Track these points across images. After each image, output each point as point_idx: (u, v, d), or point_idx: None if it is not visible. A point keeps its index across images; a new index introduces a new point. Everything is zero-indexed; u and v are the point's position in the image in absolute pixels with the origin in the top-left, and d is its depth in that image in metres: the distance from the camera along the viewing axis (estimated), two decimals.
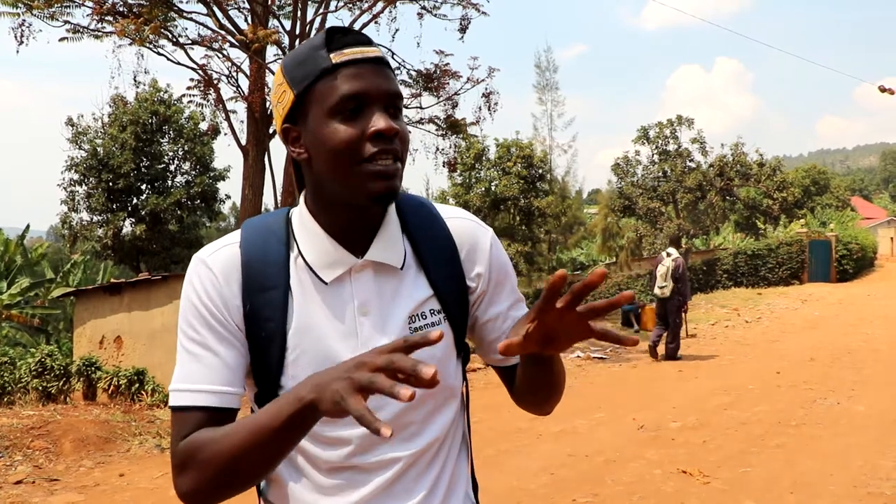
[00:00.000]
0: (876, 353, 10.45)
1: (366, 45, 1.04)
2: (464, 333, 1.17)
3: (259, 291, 1.07)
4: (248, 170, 12.35)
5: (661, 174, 27.86)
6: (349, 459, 1.08)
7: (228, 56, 12.83)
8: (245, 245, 1.09)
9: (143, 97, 18.98)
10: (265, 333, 1.06)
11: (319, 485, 1.09)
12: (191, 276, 1.09)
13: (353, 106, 1.01)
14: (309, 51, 1.04)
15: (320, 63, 1.02)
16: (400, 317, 1.09)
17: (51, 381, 7.74)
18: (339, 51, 1.02)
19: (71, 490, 5.02)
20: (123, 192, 18.82)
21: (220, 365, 1.06)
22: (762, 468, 5.19)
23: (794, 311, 16.45)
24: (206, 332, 1.06)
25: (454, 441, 1.18)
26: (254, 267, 1.08)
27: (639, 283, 22.24)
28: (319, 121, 1.03)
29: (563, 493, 4.73)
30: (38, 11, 11.53)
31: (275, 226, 1.12)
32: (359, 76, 1.02)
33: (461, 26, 13.07)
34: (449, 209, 1.20)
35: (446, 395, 1.15)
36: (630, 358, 10.75)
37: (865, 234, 30.96)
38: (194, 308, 1.07)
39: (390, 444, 1.09)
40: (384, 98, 1.03)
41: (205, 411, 1.04)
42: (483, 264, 1.17)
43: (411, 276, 1.12)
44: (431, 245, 1.14)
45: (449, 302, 1.13)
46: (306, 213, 1.11)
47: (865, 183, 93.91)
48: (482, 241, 1.18)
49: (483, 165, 21.53)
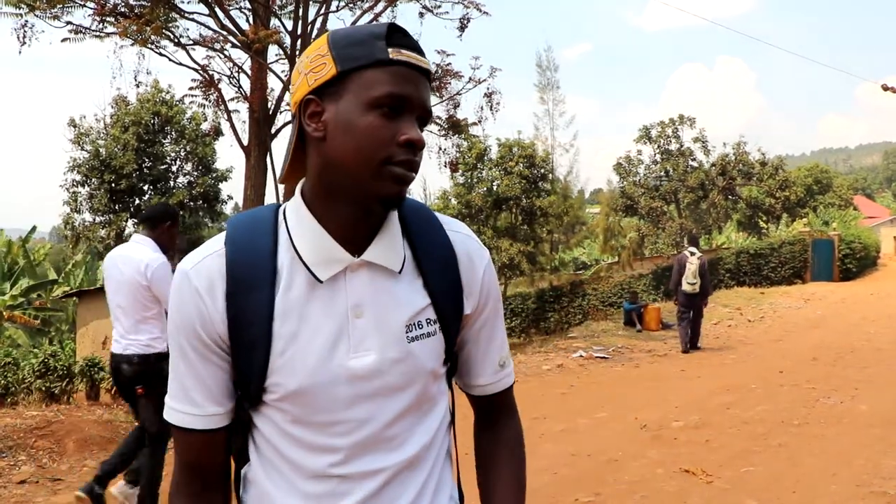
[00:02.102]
0: (879, 352, 10.43)
1: (421, 54, 1.03)
2: (453, 345, 1.15)
3: (244, 293, 1.02)
4: (250, 170, 12.36)
5: (663, 173, 27.86)
6: (334, 468, 1.05)
7: (230, 56, 12.86)
8: (230, 245, 1.05)
9: (145, 98, 19.03)
10: (248, 336, 1.02)
11: (301, 492, 1.06)
12: (174, 289, 1.05)
13: (394, 105, 1.00)
14: (367, 35, 1.01)
15: (377, 52, 1.00)
16: (397, 322, 1.06)
17: (54, 382, 7.77)
18: (399, 49, 1.01)
19: (74, 490, 5.03)
20: (126, 193, 18.87)
21: (203, 385, 1.05)
22: (765, 467, 5.19)
23: (797, 311, 16.43)
24: (186, 352, 1.05)
25: (441, 449, 1.16)
26: (238, 268, 1.03)
27: (641, 283, 22.23)
28: (355, 107, 1.00)
29: (566, 492, 4.72)
30: (40, 12, 11.55)
31: (263, 219, 1.08)
32: (409, 80, 1.01)
33: (460, 25, 13.08)
34: (450, 221, 1.18)
35: (432, 403, 1.13)
36: (633, 357, 10.75)
37: (868, 234, 30.90)
38: (176, 328, 1.05)
39: (376, 455, 1.06)
40: (421, 110, 1.03)
41: (189, 432, 1.06)
42: (477, 285, 1.16)
43: (409, 282, 1.09)
44: (432, 253, 1.12)
45: (445, 313, 1.11)
46: (302, 206, 1.07)
47: (868, 182, 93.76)
48: (480, 261, 1.17)
49: (485, 165, 21.55)
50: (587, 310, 21.17)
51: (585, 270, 28.27)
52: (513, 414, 1.27)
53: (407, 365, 1.07)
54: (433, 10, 13.26)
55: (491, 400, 1.24)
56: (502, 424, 1.25)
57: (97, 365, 8.34)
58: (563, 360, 10.41)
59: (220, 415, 1.07)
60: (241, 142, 12.64)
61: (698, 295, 10.80)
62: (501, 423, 1.26)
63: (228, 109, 13.34)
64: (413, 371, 1.07)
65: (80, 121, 19.12)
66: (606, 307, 20.86)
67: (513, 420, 1.27)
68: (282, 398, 1.03)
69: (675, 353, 11.01)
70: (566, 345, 11.94)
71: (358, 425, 1.05)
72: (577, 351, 11.08)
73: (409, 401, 1.08)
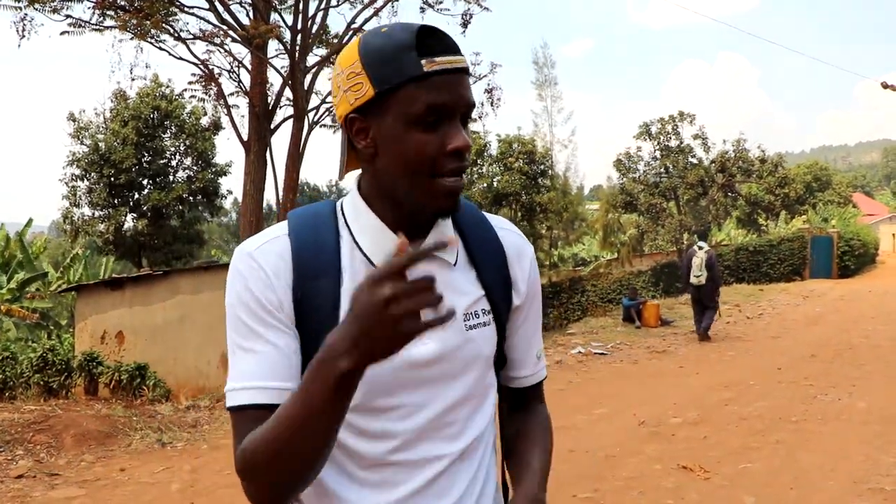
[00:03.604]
0: (877, 349, 10.44)
1: (456, 52, 1.01)
2: (503, 338, 1.18)
3: (310, 279, 1.04)
4: (250, 165, 12.35)
5: (662, 170, 27.81)
6: (392, 455, 1.06)
7: (230, 51, 12.84)
8: (295, 234, 1.07)
9: (145, 92, 18.99)
10: (316, 322, 1.03)
11: (358, 480, 1.06)
12: (236, 270, 1.04)
13: (435, 118, 0.99)
14: (397, 50, 0.99)
15: (410, 69, 0.98)
16: (456, 311, 1.06)
17: (52, 376, 7.77)
18: (431, 58, 0.98)
19: (72, 484, 5.03)
20: (125, 187, 18.85)
21: (277, 357, 1.01)
22: (763, 464, 5.19)
23: (796, 308, 16.43)
24: (257, 325, 1.02)
25: (489, 441, 1.18)
26: (304, 255, 1.05)
27: (640, 279, 22.24)
28: (398, 126, 1.00)
29: (564, 488, 4.73)
30: (40, 5, 11.53)
31: (324, 214, 1.10)
32: (446, 87, 0.99)
33: (463, 21, 13.05)
34: (497, 219, 1.21)
35: (485, 395, 1.15)
36: (631, 354, 10.76)
37: (867, 231, 30.93)
38: (243, 304, 1.03)
39: (433, 443, 1.08)
40: (464, 109, 1.02)
41: (264, 409, 0.99)
42: (524, 280, 1.19)
43: (464, 274, 1.12)
44: (484, 247, 1.15)
45: (498, 305, 1.14)
46: (360, 202, 1.09)
47: (867, 179, 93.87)
48: (527, 257, 1.20)
49: (485, 161, 21.52)
50: (586, 306, 21.16)
51: (584, 267, 28.27)
52: (544, 402, 1.31)
53: (466, 352, 1.09)
54: (434, 6, 13.23)
55: (526, 391, 1.28)
56: (535, 410, 1.29)
57: (96, 360, 8.34)
58: (561, 356, 10.41)
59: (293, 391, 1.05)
60: (240, 137, 12.62)
61: (705, 287, 11.26)
62: (533, 408, 1.29)
63: (228, 104, 13.33)
64: (471, 358, 1.10)
65: (79, 115, 19.09)
66: (605, 303, 20.86)
67: (544, 407, 1.31)
68: None
69: (673, 349, 11.02)
70: (565, 341, 11.94)
71: (416, 410, 1.06)
72: (575, 347, 11.08)
73: (466, 389, 1.10)
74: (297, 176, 12.52)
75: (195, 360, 10.09)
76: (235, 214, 41.98)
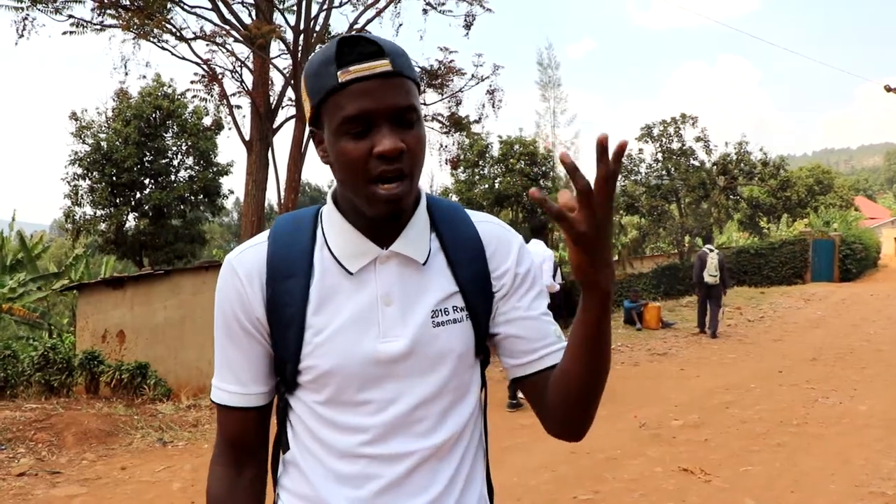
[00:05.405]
0: (878, 352, 10.43)
1: (374, 58, 1.01)
2: (485, 335, 1.18)
3: (281, 280, 1.10)
4: (252, 165, 12.37)
5: (664, 172, 27.77)
6: (364, 448, 1.10)
7: (232, 51, 12.86)
8: (273, 238, 1.14)
9: (147, 92, 18.98)
10: (284, 318, 1.10)
11: (333, 472, 1.11)
12: (220, 278, 1.14)
13: (359, 127, 1.02)
14: (320, 64, 1.03)
15: (328, 81, 1.02)
16: (423, 308, 1.11)
17: (53, 375, 7.77)
18: (346, 68, 1.01)
19: (73, 483, 5.04)
20: (127, 187, 18.83)
21: (247, 365, 1.14)
22: (763, 467, 5.19)
23: (797, 311, 16.41)
24: (231, 333, 1.13)
25: (471, 441, 1.18)
26: (278, 258, 1.12)
27: (642, 282, 22.22)
28: (331, 137, 1.05)
29: (564, 490, 4.73)
30: (42, 6, 11.55)
31: (304, 219, 1.16)
32: (365, 94, 1.00)
33: (466, 23, 13.06)
34: (479, 214, 1.22)
35: (462, 393, 1.15)
36: (633, 356, 10.75)
37: (869, 234, 30.90)
38: (221, 312, 1.14)
39: (405, 438, 1.10)
40: (392, 113, 1.02)
41: (237, 410, 1.15)
42: (509, 262, 1.18)
43: (436, 272, 1.14)
44: (459, 244, 1.16)
45: (473, 300, 1.14)
46: (333, 208, 1.14)
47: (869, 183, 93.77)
48: (509, 242, 1.19)
49: (486, 162, 21.50)
50: None
51: None
52: None
53: (434, 348, 1.11)
54: (437, 7, 13.24)
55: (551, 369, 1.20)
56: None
57: (97, 358, 8.34)
58: None
59: (262, 394, 1.16)
60: (242, 136, 12.65)
61: (719, 286, 12.23)
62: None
63: (230, 104, 13.36)
64: (441, 354, 1.11)
65: (81, 114, 19.09)
66: None
67: None
68: (315, 379, 1.10)
69: (674, 351, 11.01)
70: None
71: (386, 405, 1.10)
72: None
73: (438, 385, 1.12)
74: (298, 176, 12.53)
75: (196, 359, 10.08)
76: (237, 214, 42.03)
